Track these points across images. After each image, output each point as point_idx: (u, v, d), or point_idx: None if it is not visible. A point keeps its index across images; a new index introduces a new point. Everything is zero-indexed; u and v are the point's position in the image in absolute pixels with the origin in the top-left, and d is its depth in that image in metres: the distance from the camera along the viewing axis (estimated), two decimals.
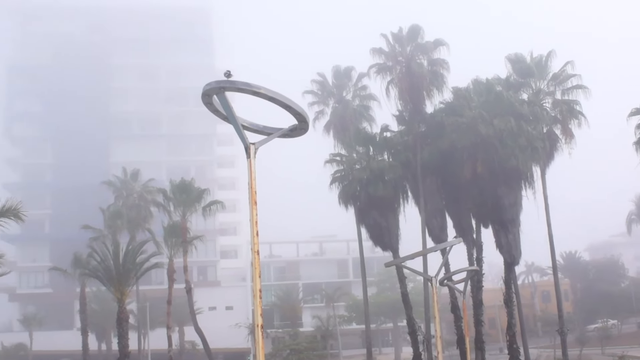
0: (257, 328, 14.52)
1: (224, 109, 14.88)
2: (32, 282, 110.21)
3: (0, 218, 26.71)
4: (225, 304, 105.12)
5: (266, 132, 15.63)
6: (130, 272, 46.78)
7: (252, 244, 14.63)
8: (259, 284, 14.58)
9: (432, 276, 29.99)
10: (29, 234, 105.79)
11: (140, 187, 75.44)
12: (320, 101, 61.69)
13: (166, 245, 56.12)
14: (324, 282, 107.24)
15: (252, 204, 14.73)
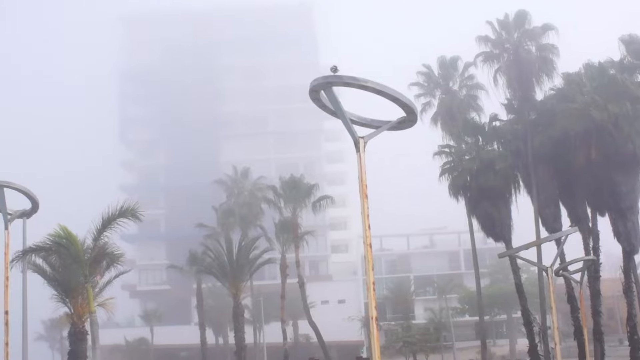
0: (372, 320, 14.59)
1: (332, 103, 14.97)
2: (150, 279, 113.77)
3: (120, 218, 27.63)
4: (337, 297, 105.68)
5: (374, 125, 15.64)
6: (244, 268, 47.69)
7: (365, 237, 14.69)
8: (372, 277, 14.64)
9: (548, 266, 29.40)
10: (146, 233, 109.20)
11: (250, 184, 76.64)
12: (426, 93, 61.11)
13: (278, 241, 56.89)
14: (436, 275, 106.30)
15: (362, 198, 14.79)
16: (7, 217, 21.77)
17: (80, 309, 30.81)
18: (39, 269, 31.39)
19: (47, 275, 31.31)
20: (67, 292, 31.03)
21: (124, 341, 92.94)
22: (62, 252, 27.93)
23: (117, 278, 31.69)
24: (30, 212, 23.61)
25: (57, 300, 31.97)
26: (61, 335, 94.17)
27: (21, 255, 28.17)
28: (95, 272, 28.52)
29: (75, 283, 30.42)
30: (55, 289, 31.56)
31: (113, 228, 27.78)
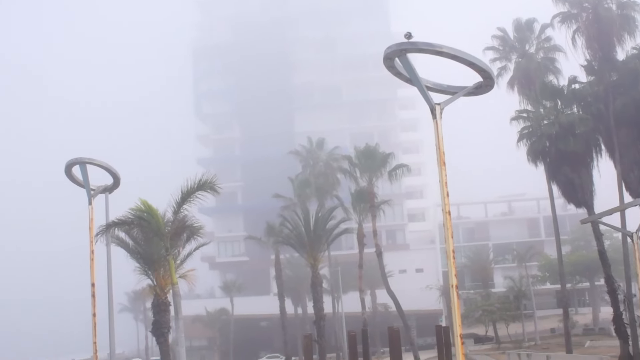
0: (452, 289, 14.48)
1: (407, 71, 14.80)
2: (229, 251, 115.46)
3: (198, 192, 27.95)
4: (415, 266, 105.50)
5: (450, 91, 15.43)
6: (321, 238, 47.84)
7: (443, 205, 14.55)
8: (452, 245, 14.51)
9: (632, 232, 28.63)
10: (224, 205, 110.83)
11: (325, 155, 76.75)
12: (502, 57, 59.92)
13: (354, 210, 56.93)
14: (515, 242, 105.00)
15: (440, 165, 14.63)
16: (91, 193, 22.30)
17: (163, 280, 31.43)
18: (122, 242, 32.11)
19: (130, 249, 32.01)
20: (150, 264, 31.68)
21: (205, 312, 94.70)
22: (144, 226, 28.47)
23: (197, 250, 32.12)
24: (112, 187, 24.15)
25: (140, 273, 32.67)
26: (144, 307, 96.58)
27: (105, 230, 28.81)
28: (176, 244, 29.00)
29: (157, 255, 31.02)
30: (138, 262, 32.25)
31: (192, 201, 28.16)
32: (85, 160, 21.58)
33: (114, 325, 34.15)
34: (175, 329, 28.73)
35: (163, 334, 32.82)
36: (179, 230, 28.38)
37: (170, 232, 27.98)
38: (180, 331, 27.03)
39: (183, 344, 26.97)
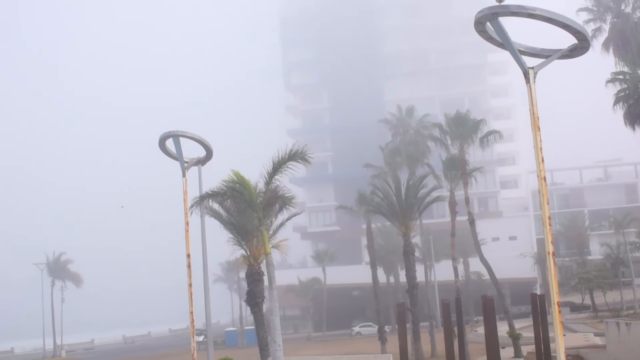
0: (548, 256, 14.21)
1: (499, 35, 14.49)
2: (320, 220, 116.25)
3: (289, 162, 28.06)
4: (508, 234, 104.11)
5: (544, 54, 15.05)
6: (412, 207, 47.52)
7: (538, 171, 14.24)
8: (547, 211, 14.21)
9: None
10: (314, 176, 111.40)
11: (415, 122, 76.16)
12: (596, 18, 58.09)
13: (446, 178, 56.24)
14: (611, 208, 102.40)
15: (534, 130, 14.30)
16: (184, 165, 22.70)
17: (256, 250, 31.85)
18: (215, 213, 32.64)
19: (223, 220, 32.50)
20: (243, 235, 32.12)
21: (298, 281, 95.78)
22: (236, 197, 28.78)
23: (289, 220, 32.37)
24: (205, 159, 24.51)
25: (234, 243, 33.16)
26: (238, 277, 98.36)
27: (198, 201, 29.30)
28: (268, 215, 29.25)
29: (250, 226, 31.41)
30: (231, 233, 32.73)
31: (283, 172, 28.29)
32: (179, 133, 21.95)
33: (209, 295, 34.91)
34: (269, 298, 29.06)
35: (257, 303, 33.32)
36: (271, 201, 28.59)
37: (263, 202, 28.21)
38: (274, 300, 27.36)
39: (277, 313, 27.30)
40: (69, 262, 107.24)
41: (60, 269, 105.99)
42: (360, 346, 66.11)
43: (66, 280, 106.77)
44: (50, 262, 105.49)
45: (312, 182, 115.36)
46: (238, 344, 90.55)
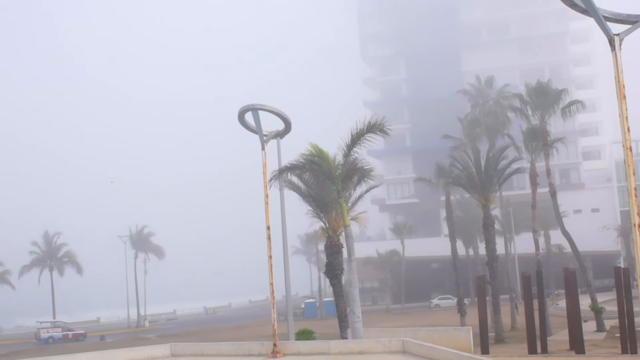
0: (634, 228, 13.88)
1: (583, 1, 14.12)
2: (399, 193, 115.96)
3: (368, 134, 27.98)
4: (590, 206, 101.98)
5: (630, 21, 14.60)
6: (492, 179, 46.94)
7: (624, 141, 13.88)
8: (633, 182, 13.87)
9: None
10: (392, 148, 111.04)
11: (495, 93, 74.98)
12: None
13: (526, 149, 55.28)
14: None
15: (620, 99, 13.93)
16: (263, 138, 22.88)
17: (335, 223, 31.96)
18: (294, 186, 32.85)
19: (302, 192, 32.69)
20: (322, 207, 32.26)
21: (376, 254, 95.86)
22: (315, 169, 28.88)
23: (367, 193, 32.35)
24: (284, 132, 24.67)
25: (313, 216, 33.34)
26: (317, 249, 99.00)
27: (277, 174, 29.54)
28: (347, 187, 29.29)
29: (328, 198, 31.52)
30: (310, 205, 32.91)
31: (361, 144, 28.24)
32: (257, 106, 22.11)
33: (289, 267, 35.29)
34: (348, 270, 29.22)
35: (336, 275, 33.49)
36: (349, 173, 28.61)
37: (341, 175, 28.26)
38: (353, 272, 27.47)
39: (356, 285, 27.41)
40: (151, 235, 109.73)
41: (143, 241, 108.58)
42: (439, 318, 65.95)
43: (149, 253, 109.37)
44: (133, 235, 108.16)
45: (390, 155, 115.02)
46: (317, 315, 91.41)
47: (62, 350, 60.27)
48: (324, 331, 47.57)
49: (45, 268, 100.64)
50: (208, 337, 63.06)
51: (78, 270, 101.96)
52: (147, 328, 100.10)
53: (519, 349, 34.22)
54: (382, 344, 21.18)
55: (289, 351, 22.37)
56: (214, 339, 56.50)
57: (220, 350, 23.80)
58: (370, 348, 21.23)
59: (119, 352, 24.87)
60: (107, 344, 69.86)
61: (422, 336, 29.09)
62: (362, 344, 22.04)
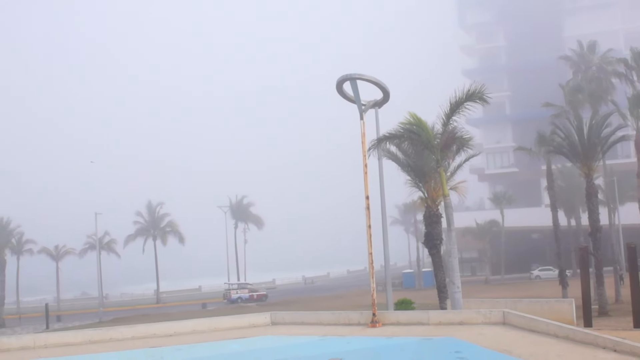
0: None
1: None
2: (498, 162, 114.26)
3: (467, 102, 27.54)
4: None
5: None
6: (595, 147, 45.58)
7: None
8: None
9: None
10: (491, 116, 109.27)
11: (598, 58, 72.69)
12: None
13: (632, 116, 53.48)
14: None
15: None
16: (362, 108, 22.78)
17: (434, 192, 31.74)
18: (392, 156, 32.73)
19: (401, 162, 32.56)
20: (420, 177, 32.08)
21: (475, 224, 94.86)
22: (414, 139, 28.66)
23: (466, 162, 31.98)
24: (382, 101, 24.48)
25: (411, 186, 33.21)
26: (415, 219, 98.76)
27: (376, 144, 29.46)
28: (445, 156, 29.01)
29: (427, 168, 31.31)
30: (408, 175, 32.78)
31: (460, 112, 27.83)
32: (355, 76, 21.99)
33: (387, 237, 35.26)
34: (447, 240, 28.98)
35: (435, 245, 33.33)
36: (448, 142, 28.28)
37: (440, 144, 27.96)
38: (452, 243, 27.21)
39: (455, 255, 27.17)
40: (250, 205, 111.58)
41: (243, 211, 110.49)
42: (540, 290, 64.87)
43: (248, 223, 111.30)
44: (233, 205, 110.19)
45: (489, 123, 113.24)
46: (415, 285, 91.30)
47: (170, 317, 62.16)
48: (422, 301, 47.53)
49: (148, 237, 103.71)
50: (307, 306, 63.86)
51: (180, 239, 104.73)
52: None
53: (624, 322, 33.33)
54: (482, 314, 20.94)
55: (388, 321, 22.37)
56: (313, 308, 57.18)
57: (320, 319, 24.01)
58: (470, 319, 21.03)
59: (221, 319, 25.39)
60: (208, 311, 71.65)
61: (522, 308, 28.66)
62: (461, 314, 21.85)
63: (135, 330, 23.55)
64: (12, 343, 21.84)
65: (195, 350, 19.77)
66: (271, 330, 23.27)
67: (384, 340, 19.42)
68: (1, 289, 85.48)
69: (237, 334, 22.20)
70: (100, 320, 71.92)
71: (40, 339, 22.42)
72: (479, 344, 16.68)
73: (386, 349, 18.17)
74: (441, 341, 18.19)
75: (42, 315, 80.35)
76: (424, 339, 18.70)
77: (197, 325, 24.10)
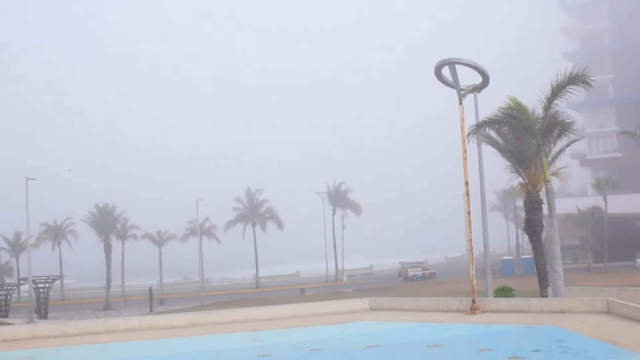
0: None
1: None
2: (600, 147, 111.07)
3: (568, 86, 26.89)
4: None
5: None
6: None
7: None
8: None
9: None
10: (594, 100, 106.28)
11: None
12: None
13: None
14: None
15: None
16: (461, 93, 22.56)
17: (534, 178, 31.12)
18: (492, 141, 32.25)
19: (500, 147, 32.05)
20: (521, 162, 31.49)
21: (577, 210, 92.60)
22: (514, 123, 28.18)
23: (568, 147, 31.23)
24: (481, 86, 24.19)
25: (511, 171, 32.65)
26: (514, 205, 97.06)
27: (475, 129, 29.10)
28: (547, 141, 28.42)
29: (528, 153, 30.71)
30: (508, 160, 32.23)
31: (562, 96, 27.23)
32: (454, 60, 21.78)
33: (487, 223, 34.83)
34: (548, 227, 28.39)
35: (536, 232, 32.68)
36: (549, 127, 27.67)
37: (541, 128, 27.40)
38: (554, 229, 26.67)
39: (557, 242, 26.63)
40: (348, 192, 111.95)
41: (340, 197, 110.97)
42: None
43: (346, 209, 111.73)
44: (330, 192, 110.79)
45: (591, 107, 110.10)
46: (514, 272, 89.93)
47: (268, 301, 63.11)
48: (522, 289, 46.76)
49: (248, 223, 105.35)
50: (404, 292, 63.76)
51: (279, 225, 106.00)
52: (345, 282, 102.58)
53: None
54: (585, 303, 20.52)
55: (488, 308, 22.16)
56: (411, 294, 57.00)
57: (419, 305, 23.98)
58: (572, 307, 20.63)
59: (320, 305, 25.66)
60: (307, 297, 72.36)
61: (627, 297, 27.93)
62: (563, 302, 21.45)
63: (237, 314, 24.05)
64: (119, 324, 22.66)
65: (294, 335, 20.05)
66: (370, 315, 23.37)
67: (484, 327, 19.25)
68: (108, 272, 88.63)
69: (336, 319, 22.39)
70: (201, 304, 73.59)
71: (145, 321, 23.18)
72: (581, 333, 16.36)
73: (486, 336, 18.03)
74: (542, 329, 17.92)
75: (145, 298, 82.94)
76: (524, 327, 18.46)
77: (296, 310, 24.42)
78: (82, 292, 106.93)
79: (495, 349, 15.61)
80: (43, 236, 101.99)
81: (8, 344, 20.46)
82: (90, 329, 22.10)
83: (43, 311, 69.73)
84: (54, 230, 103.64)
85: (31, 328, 22.91)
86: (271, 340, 18.99)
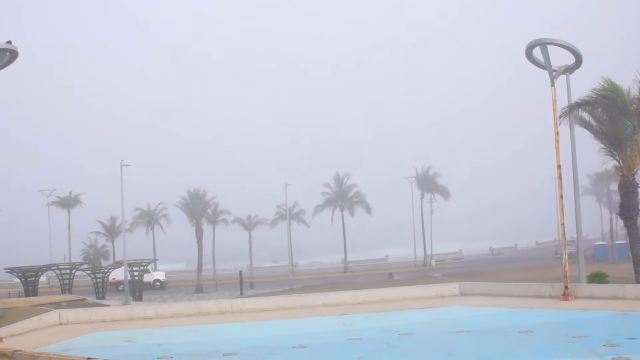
0: None
1: None
2: None
3: None
4: None
5: None
6: None
7: None
8: None
9: None
10: None
11: None
12: None
13: None
14: None
15: None
16: (553, 74, 22.05)
17: (630, 161, 30.26)
18: (585, 123, 31.49)
19: (594, 129, 31.27)
20: (615, 145, 30.66)
21: None
22: (608, 105, 27.48)
23: None
24: (574, 67, 23.58)
25: (605, 154, 31.84)
26: (608, 189, 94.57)
27: (568, 111, 28.47)
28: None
29: (623, 135, 29.88)
30: (602, 143, 31.43)
31: None
32: (546, 40, 21.28)
33: (579, 207, 34.06)
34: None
35: (631, 216, 31.81)
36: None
37: (637, 110, 26.63)
38: None
39: None
40: (437, 176, 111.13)
41: (429, 182, 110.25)
42: None
43: (435, 193, 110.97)
44: (419, 176, 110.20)
45: None
46: (608, 258, 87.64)
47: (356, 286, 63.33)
48: (616, 275, 45.57)
49: (336, 208, 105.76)
50: (494, 277, 62.92)
51: (367, 210, 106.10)
52: (434, 267, 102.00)
53: None
54: None
55: (581, 294, 21.68)
56: (500, 279, 56.23)
57: (509, 291, 23.66)
58: None
59: (409, 289, 25.60)
60: (395, 281, 72.25)
61: None
62: None
63: (326, 298, 24.21)
64: (211, 307, 23.12)
65: (383, 319, 20.05)
66: (459, 300, 23.18)
67: (577, 313, 18.87)
68: (199, 256, 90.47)
69: (425, 304, 22.30)
70: (290, 287, 74.33)
71: (236, 304, 23.57)
72: None
73: (579, 323, 17.66)
74: (638, 317, 17.44)
75: (236, 282, 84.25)
76: (619, 314, 18.00)
77: (385, 294, 24.42)
78: (175, 276, 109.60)
79: (589, 336, 15.26)
80: (137, 221, 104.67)
81: (106, 324, 21.12)
82: (184, 311, 22.61)
83: (138, 293, 71.74)
84: (147, 215, 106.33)
85: (127, 309, 23.56)
86: (361, 324, 19.04)
